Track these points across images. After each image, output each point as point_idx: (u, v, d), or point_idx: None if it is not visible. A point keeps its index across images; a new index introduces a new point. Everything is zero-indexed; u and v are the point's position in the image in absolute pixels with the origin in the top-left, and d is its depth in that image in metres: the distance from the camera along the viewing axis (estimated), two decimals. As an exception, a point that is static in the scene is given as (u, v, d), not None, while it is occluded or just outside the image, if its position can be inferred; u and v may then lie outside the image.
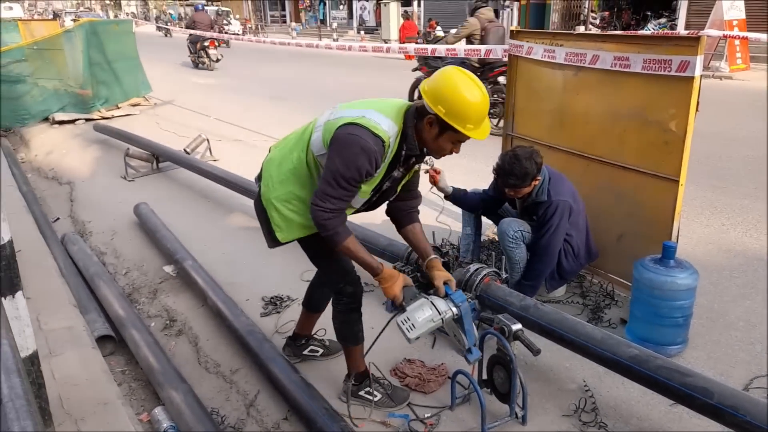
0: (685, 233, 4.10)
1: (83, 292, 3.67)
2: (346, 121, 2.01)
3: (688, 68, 2.75)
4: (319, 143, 2.10)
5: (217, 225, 4.84)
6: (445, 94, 1.95)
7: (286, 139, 2.35)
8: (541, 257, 3.05)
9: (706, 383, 2.00)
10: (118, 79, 9.52)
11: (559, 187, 3.07)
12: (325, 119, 2.13)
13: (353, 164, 1.96)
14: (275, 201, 2.23)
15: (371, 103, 2.10)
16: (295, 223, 2.25)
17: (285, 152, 2.26)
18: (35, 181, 6.68)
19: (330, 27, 33.04)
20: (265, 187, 2.28)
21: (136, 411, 2.75)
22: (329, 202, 2.01)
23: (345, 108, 2.12)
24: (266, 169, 2.32)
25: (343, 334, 2.47)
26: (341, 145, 1.99)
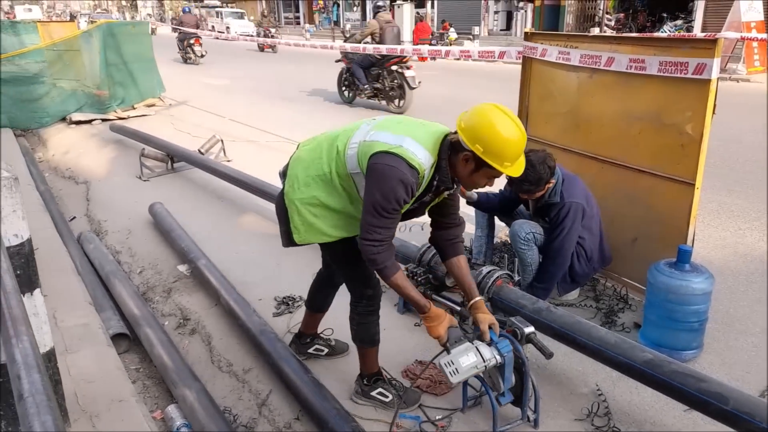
0: (701, 237, 4.06)
1: (99, 291, 3.71)
2: (383, 149, 1.99)
3: (704, 71, 2.72)
4: (354, 163, 2.09)
5: (230, 225, 4.88)
6: (482, 132, 1.94)
7: (316, 140, 2.31)
8: (554, 259, 3.04)
9: (721, 389, 1.97)
10: (135, 80, 9.63)
11: (573, 189, 3.05)
12: (360, 138, 2.09)
13: (392, 195, 1.98)
14: (298, 203, 2.22)
15: (408, 129, 2.08)
16: (314, 228, 2.24)
17: (314, 156, 2.22)
18: (52, 180, 6.77)
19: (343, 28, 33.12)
20: (289, 187, 2.26)
21: (149, 408, 2.78)
22: (376, 233, 2.03)
23: (381, 130, 2.08)
24: (292, 167, 2.29)
25: (361, 336, 2.46)
26: (380, 176, 1.99)
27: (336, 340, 2.92)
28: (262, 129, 8.24)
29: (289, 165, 2.32)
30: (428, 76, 15.19)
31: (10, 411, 2.04)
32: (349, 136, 2.16)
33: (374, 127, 2.12)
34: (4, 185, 1.83)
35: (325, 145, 2.23)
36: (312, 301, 2.81)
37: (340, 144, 2.16)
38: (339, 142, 2.17)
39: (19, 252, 1.92)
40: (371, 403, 2.50)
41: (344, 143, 2.14)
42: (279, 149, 7.23)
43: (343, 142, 2.16)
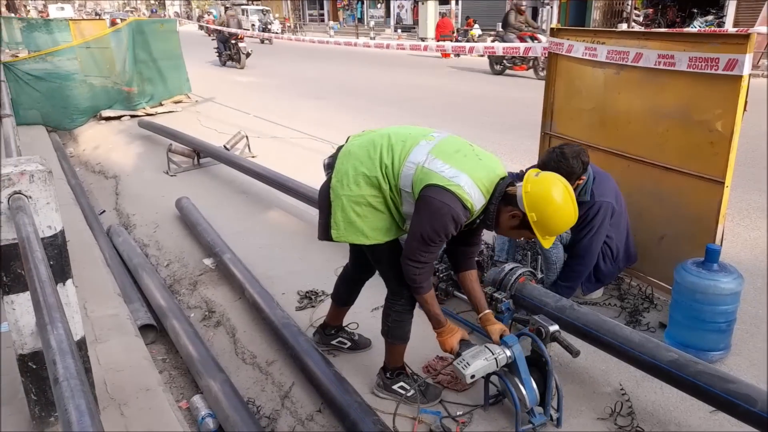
0: (730, 237, 3.97)
1: (127, 282, 3.80)
2: (441, 184, 2.03)
3: (736, 67, 2.66)
4: (408, 183, 2.13)
5: (255, 220, 4.94)
6: (544, 206, 2.02)
7: (370, 137, 2.27)
8: (582, 258, 3.00)
9: (749, 390, 1.94)
10: (163, 77, 9.81)
11: (603, 188, 3.00)
12: (419, 160, 2.11)
13: (443, 230, 2.07)
14: (345, 199, 2.22)
15: (467, 164, 2.10)
16: (354, 227, 2.24)
17: (367, 155, 2.20)
18: (83, 174, 6.95)
19: (367, 26, 33.14)
20: (337, 182, 2.24)
21: (175, 398, 2.84)
22: (420, 257, 2.15)
23: (440, 158, 2.10)
24: (342, 162, 2.26)
25: (393, 333, 2.48)
26: (434, 211, 2.04)
27: (359, 335, 2.95)
28: (286, 126, 8.31)
29: (339, 158, 2.29)
30: (446, 72, 15.13)
31: (44, 397, 2.12)
32: (406, 149, 2.16)
33: (433, 151, 2.13)
34: (38, 178, 1.89)
35: (380, 147, 2.20)
36: (338, 295, 2.84)
37: (396, 155, 2.16)
38: (395, 152, 2.17)
39: (52, 243, 1.98)
40: (392, 397, 2.52)
41: (401, 157, 2.15)
42: (303, 146, 7.29)
43: (399, 154, 2.16)
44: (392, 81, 13.26)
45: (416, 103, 10.10)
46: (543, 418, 2.30)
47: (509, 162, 6.04)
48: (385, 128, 2.34)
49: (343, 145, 2.37)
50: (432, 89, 11.91)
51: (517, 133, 7.37)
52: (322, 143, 7.30)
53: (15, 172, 1.85)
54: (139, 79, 9.51)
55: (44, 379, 2.06)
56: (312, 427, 2.50)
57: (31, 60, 8.74)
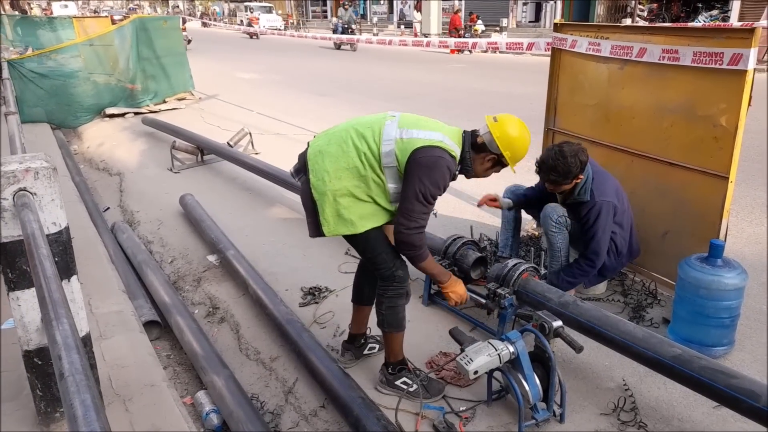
0: (734, 232, 3.96)
1: (131, 279, 3.82)
2: (427, 144, 2.22)
3: (740, 61, 2.65)
4: (392, 158, 2.25)
5: (258, 216, 4.95)
6: (514, 143, 2.32)
7: (335, 135, 2.35)
8: (591, 261, 2.98)
9: (753, 386, 1.93)
10: (166, 74, 9.84)
11: (603, 187, 2.98)
12: (394, 136, 2.25)
13: (442, 182, 2.24)
14: (330, 194, 2.28)
15: (435, 126, 2.34)
16: (343, 219, 2.30)
17: (343, 150, 2.28)
18: (87, 171, 6.97)
19: (370, 22, 33.09)
20: (317, 180, 2.30)
21: (180, 394, 2.86)
22: (420, 220, 2.25)
23: (413, 128, 2.27)
24: (317, 162, 2.32)
25: (389, 321, 2.48)
26: (430, 167, 2.21)
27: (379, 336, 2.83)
28: (289, 122, 8.32)
29: (311, 160, 2.34)
30: (451, 68, 15.11)
31: (49, 393, 2.13)
32: (377, 132, 2.29)
33: (401, 124, 2.30)
34: (43, 175, 1.90)
35: (350, 139, 2.31)
36: (360, 294, 2.74)
37: (369, 140, 2.28)
38: (367, 137, 2.28)
39: (57, 239, 1.99)
40: (395, 392, 2.52)
41: (375, 140, 2.27)
42: (307, 142, 7.29)
43: (372, 138, 2.28)
44: (395, 77, 13.25)
45: (419, 99, 10.09)
46: (546, 414, 2.31)
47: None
48: (342, 123, 2.42)
49: (306, 150, 2.41)
50: (435, 85, 11.89)
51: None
52: (326, 140, 7.30)
53: (20, 169, 1.86)
54: (142, 77, 9.53)
55: (50, 374, 2.07)
56: (316, 422, 2.51)
57: (35, 58, 8.77)
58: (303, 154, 2.43)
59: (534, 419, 2.28)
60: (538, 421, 2.28)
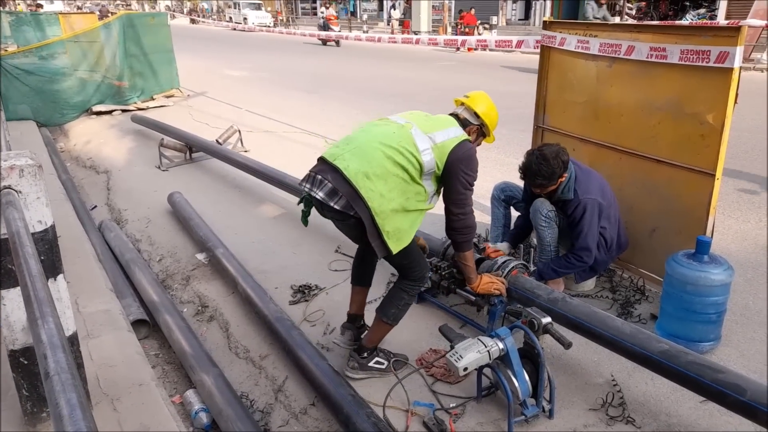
0: (721, 229, 4.00)
1: (119, 278, 3.79)
2: (458, 141, 2.46)
3: (727, 59, 2.68)
4: (432, 165, 2.41)
5: (247, 214, 4.93)
6: (493, 114, 2.70)
7: (369, 155, 2.34)
8: (580, 257, 3.00)
9: (738, 380, 1.96)
10: (154, 71, 9.75)
11: (587, 184, 3.01)
12: (428, 144, 2.41)
13: (476, 167, 2.51)
14: (392, 213, 2.34)
15: (448, 122, 2.57)
16: (402, 232, 2.40)
17: (386, 170, 2.34)
18: (74, 169, 6.90)
19: (360, 19, 33.02)
20: (373, 202, 2.28)
21: (169, 393, 2.84)
22: (468, 205, 2.51)
23: (436, 130, 2.47)
24: (367, 187, 2.28)
25: (396, 315, 2.55)
26: (468, 158, 2.46)
27: (395, 353, 2.75)
28: (278, 120, 8.28)
29: (360, 186, 2.28)
30: (444, 66, 15.11)
31: (36, 393, 2.11)
32: (409, 144, 2.39)
33: (424, 129, 2.46)
34: (28, 173, 1.87)
35: (389, 158, 2.36)
36: (360, 277, 2.79)
37: (407, 154, 2.37)
38: (404, 152, 2.37)
39: (43, 238, 1.97)
40: (368, 374, 2.59)
41: (413, 152, 2.38)
42: (296, 140, 7.27)
43: (409, 152, 2.37)
44: (385, 74, 13.24)
45: (408, 97, 10.08)
46: (535, 410, 2.32)
47: (503, 155, 6.06)
48: (359, 137, 2.45)
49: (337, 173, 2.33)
50: (424, 83, 11.89)
51: (511, 126, 7.37)
52: (315, 137, 7.28)
53: (4, 167, 1.83)
54: (130, 74, 9.44)
55: (36, 374, 2.05)
56: (306, 420, 2.51)
57: (20, 54, 8.65)
58: (334, 177, 2.33)
59: (523, 415, 2.29)
60: (527, 416, 2.30)
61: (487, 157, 6.14)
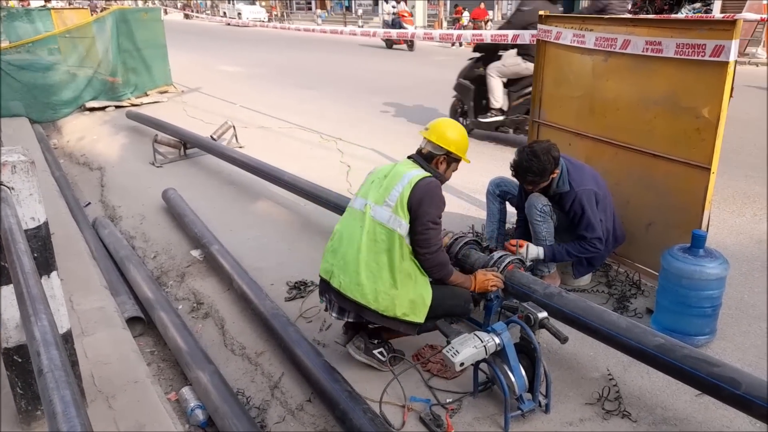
0: (716, 223, 4.01)
1: (114, 275, 3.76)
2: (411, 185, 2.43)
3: (722, 53, 2.67)
4: (405, 226, 2.43)
5: (243, 210, 4.91)
6: (453, 137, 2.60)
7: (355, 261, 2.45)
8: (594, 244, 3.02)
9: (733, 373, 1.96)
10: (148, 67, 9.68)
11: (580, 176, 3.04)
12: (389, 211, 2.44)
13: (442, 202, 2.51)
14: (400, 309, 2.44)
15: (400, 172, 2.53)
16: (416, 302, 2.47)
17: (375, 264, 2.44)
18: (67, 166, 6.85)
19: (355, 14, 32.91)
20: (377, 304, 2.42)
21: (164, 390, 2.83)
22: (434, 244, 2.47)
23: (387, 192, 2.48)
24: (362, 293, 2.43)
25: (424, 327, 2.56)
26: (430, 195, 2.45)
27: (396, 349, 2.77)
28: (273, 116, 8.25)
29: (356, 297, 2.44)
30: (441, 61, 15.09)
31: (30, 391, 2.10)
32: (376, 228, 2.46)
33: (378, 200, 2.49)
34: (21, 169, 1.86)
35: (372, 253, 2.45)
36: None
37: (382, 234, 2.45)
38: (379, 237, 2.45)
39: (36, 235, 1.95)
40: (369, 360, 2.62)
41: (384, 230, 2.45)
42: (291, 136, 7.24)
43: (381, 231, 2.45)
44: (381, 69, 13.20)
45: (403, 92, 10.06)
46: (532, 404, 2.32)
47: (499, 150, 6.06)
48: (344, 249, 2.52)
49: (336, 290, 2.51)
50: (422, 78, 11.87)
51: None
52: (310, 133, 7.26)
53: (-5, 163, 1.81)
54: (123, 69, 9.37)
55: (30, 372, 2.04)
56: (302, 416, 2.50)
57: (12, 50, 8.57)
58: (336, 295, 2.51)
59: (520, 410, 2.30)
60: (523, 411, 2.30)
61: (482, 151, 6.13)
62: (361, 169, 5.62)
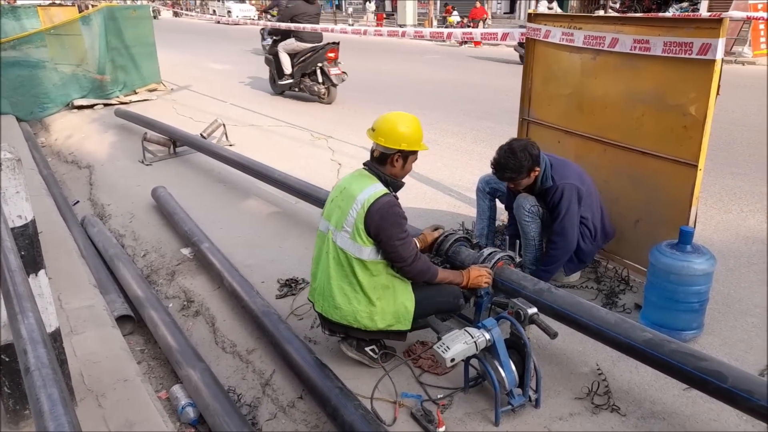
0: (703, 219, 4.06)
1: (103, 273, 3.74)
2: (367, 206, 2.39)
3: (709, 51, 2.70)
4: (367, 250, 2.43)
5: (233, 208, 4.89)
6: (407, 132, 2.47)
7: (328, 289, 2.50)
8: (557, 243, 3.04)
9: (720, 368, 1.99)
10: (136, 65, 9.60)
11: (563, 172, 3.06)
12: (348, 240, 2.44)
13: (401, 218, 2.44)
14: (383, 323, 2.48)
15: (356, 185, 2.48)
16: (399, 312, 2.50)
17: (348, 287, 2.47)
18: (55, 164, 6.79)
19: (345, 12, 32.85)
20: (358, 322, 2.48)
21: (155, 388, 2.82)
22: (408, 257, 2.45)
23: (345, 214, 2.45)
24: (342, 315, 2.48)
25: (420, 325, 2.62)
26: (385, 219, 2.39)
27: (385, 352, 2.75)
28: (264, 113, 8.22)
29: (337, 319, 2.51)
30: (431, 59, 15.10)
31: (18, 390, 2.08)
32: (336, 251, 2.48)
33: (337, 224, 2.48)
34: (6, 166, 1.84)
35: (344, 278, 2.48)
36: None
37: (345, 259, 2.46)
38: (344, 262, 2.46)
39: (23, 233, 1.94)
40: (360, 357, 2.64)
41: (345, 255, 2.45)
42: (282, 134, 7.22)
43: (346, 257, 2.46)
44: (371, 68, 13.17)
45: (394, 90, 10.07)
46: (522, 399, 2.34)
47: (489, 148, 6.07)
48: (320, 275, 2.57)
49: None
50: (412, 77, 11.87)
51: (497, 120, 7.40)
52: (301, 131, 7.24)
53: (-19, 161, 1.80)
54: (111, 67, 9.28)
55: (18, 371, 2.02)
56: (293, 413, 2.50)
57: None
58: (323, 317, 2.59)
59: (510, 405, 2.31)
60: (514, 406, 2.31)
61: (472, 150, 6.15)
62: (351, 167, 5.61)
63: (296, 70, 8.88)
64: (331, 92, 8.82)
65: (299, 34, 8.62)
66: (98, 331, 2.85)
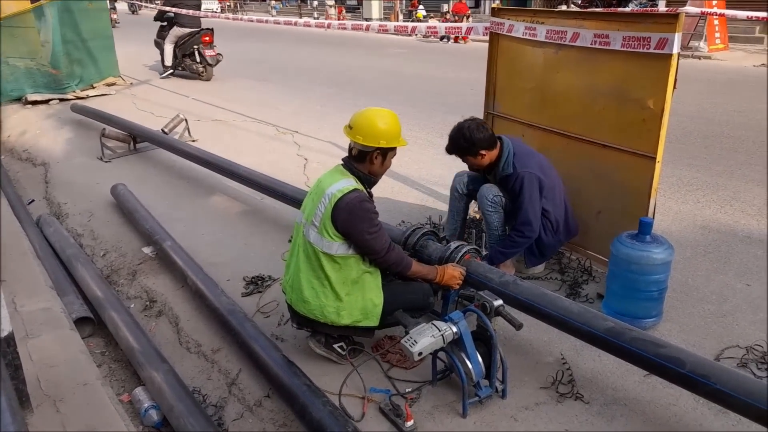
0: (662, 210, 4.17)
1: (60, 275, 3.62)
2: (334, 201, 2.37)
3: (666, 45, 2.76)
4: (336, 246, 2.41)
5: (196, 205, 4.79)
6: (385, 129, 2.44)
7: (298, 282, 2.50)
8: (521, 231, 3.07)
9: (678, 353, 2.04)
10: (93, 58, 9.28)
11: (526, 161, 3.10)
12: (317, 235, 2.43)
13: (370, 212, 2.41)
14: (350, 318, 2.48)
15: (328, 180, 2.49)
16: (367, 308, 2.49)
17: (316, 280, 2.46)
18: (8, 162, 6.52)
19: (310, 5, 32.55)
20: (324, 318, 2.47)
21: (116, 392, 2.75)
22: (381, 248, 2.43)
23: (317, 201, 2.45)
24: (309, 309, 2.48)
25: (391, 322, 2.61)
26: (353, 214, 2.37)
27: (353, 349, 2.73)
28: (227, 108, 8.07)
29: (304, 312, 2.50)
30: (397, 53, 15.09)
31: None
32: (305, 244, 2.48)
33: (309, 218, 2.48)
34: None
35: (312, 272, 2.47)
36: None
37: (311, 254, 2.46)
38: (312, 258, 2.46)
39: (-29, 234, 1.85)
40: (328, 354, 2.62)
41: (313, 249, 2.45)
42: (246, 128, 7.11)
43: (310, 249, 2.46)
44: (336, 61, 13.09)
45: (361, 85, 10.02)
46: (489, 390, 2.36)
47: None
48: (292, 267, 2.58)
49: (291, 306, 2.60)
50: (377, 70, 11.84)
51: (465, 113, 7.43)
52: (265, 125, 7.14)
53: (-77, 158, 1.70)
54: (67, 61, 8.94)
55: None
56: (260, 412, 2.47)
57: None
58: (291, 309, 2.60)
59: (477, 396, 2.33)
60: (481, 397, 2.34)
61: (439, 143, 6.17)
62: (318, 162, 5.57)
63: (178, 51, 10.15)
64: (208, 71, 10.12)
65: (179, 20, 9.82)
66: (55, 334, 2.75)
